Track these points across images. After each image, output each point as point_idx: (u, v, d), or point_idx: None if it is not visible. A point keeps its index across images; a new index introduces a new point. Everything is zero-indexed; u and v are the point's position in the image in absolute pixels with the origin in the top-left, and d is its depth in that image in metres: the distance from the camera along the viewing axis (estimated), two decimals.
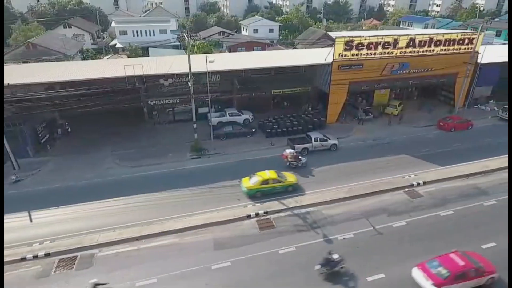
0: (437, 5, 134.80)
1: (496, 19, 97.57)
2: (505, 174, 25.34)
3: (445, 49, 34.64)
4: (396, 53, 33.11)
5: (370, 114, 35.32)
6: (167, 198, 22.67)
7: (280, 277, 16.21)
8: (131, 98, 28.83)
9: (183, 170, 26.40)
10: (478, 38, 34.05)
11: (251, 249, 18.04)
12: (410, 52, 33.51)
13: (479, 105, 39.67)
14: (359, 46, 31.67)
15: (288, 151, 26.28)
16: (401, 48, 33.01)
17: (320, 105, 36.66)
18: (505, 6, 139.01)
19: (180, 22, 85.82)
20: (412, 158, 27.97)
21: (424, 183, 24.14)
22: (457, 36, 34.66)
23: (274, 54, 43.98)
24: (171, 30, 78.36)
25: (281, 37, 76.71)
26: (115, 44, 61.86)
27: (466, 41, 34.82)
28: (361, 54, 32.04)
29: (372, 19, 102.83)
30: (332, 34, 59.46)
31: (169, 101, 33.00)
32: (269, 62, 35.68)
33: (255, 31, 74.40)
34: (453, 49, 34.92)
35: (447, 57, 34.91)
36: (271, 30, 75.41)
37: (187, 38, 25.82)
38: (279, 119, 32.87)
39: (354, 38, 31.74)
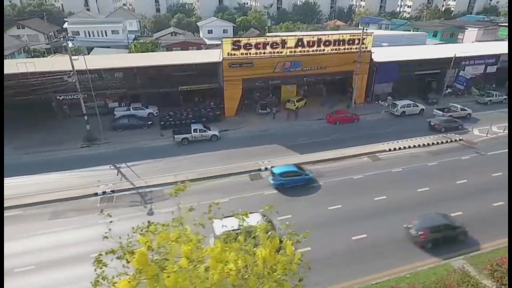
0: (408, 6, 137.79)
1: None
2: (352, 161, 28.38)
3: (336, 49, 37.56)
4: (286, 52, 35.99)
5: (267, 109, 38.22)
6: (40, 179, 25.60)
7: (90, 241, 19.15)
8: (34, 93, 31.78)
9: (69, 157, 29.30)
10: (361, 39, 36.93)
11: (81, 220, 21.04)
12: (300, 51, 36.42)
13: (379, 101, 42.53)
14: (247, 46, 34.56)
15: None
16: (290, 47, 35.91)
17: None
18: (476, 8, 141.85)
19: (142, 23, 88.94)
20: (281, 147, 30.91)
21: (272, 167, 27.05)
22: (345, 36, 37.59)
23: (184, 54, 47.42)
24: (131, 31, 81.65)
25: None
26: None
27: (356, 41, 37.75)
28: (250, 53, 34.93)
29: (336, 20, 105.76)
30: (269, 34, 62.58)
31: (77, 96, 35.85)
32: (175, 60, 38.68)
33: (210, 31, 77.40)
34: (344, 48, 37.85)
35: (339, 56, 37.84)
36: (225, 31, 78.35)
37: (66, 42, 28.60)
38: (177, 113, 35.79)
39: (241, 39, 34.72)
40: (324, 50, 37.12)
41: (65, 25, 66.55)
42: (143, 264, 8.03)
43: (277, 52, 35.68)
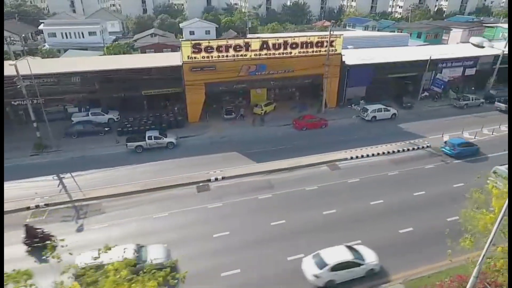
0: (399, 7, 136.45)
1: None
2: (310, 170, 26.97)
3: (303, 52, 36.16)
4: (250, 56, 34.59)
5: (233, 113, 36.85)
6: None
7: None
8: None
9: (14, 166, 27.68)
10: (329, 41, 35.54)
11: (6, 237, 19.58)
12: (266, 54, 35.02)
13: (352, 105, 41.12)
14: (209, 49, 33.18)
15: None
16: (255, 50, 34.52)
17: None
18: (468, 8, 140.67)
19: (126, 24, 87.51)
20: (239, 155, 29.50)
21: (223, 178, 25.70)
22: (313, 39, 36.21)
23: (153, 56, 46.26)
24: (112, 32, 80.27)
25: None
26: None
27: (325, 43, 36.37)
28: (212, 57, 33.55)
29: (324, 20, 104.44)
30: (252, 36, 61.18)
31: (34, 102, 34.43)
32: (142, 63, 37.23)
33: (191, 33, 76.02)
34: (313, 51, 36.47)
35: (307, 59, 36.44)
36: (207, 32, 77.00)
37: (8, 45, 27.17)
38: (136, 119, 34.42)
39: (201, 42, 33.33)
40: (291, 53, 35.74)
41: (41, 27, 65.15)
42: None
43: (241, 55, 34.30)
